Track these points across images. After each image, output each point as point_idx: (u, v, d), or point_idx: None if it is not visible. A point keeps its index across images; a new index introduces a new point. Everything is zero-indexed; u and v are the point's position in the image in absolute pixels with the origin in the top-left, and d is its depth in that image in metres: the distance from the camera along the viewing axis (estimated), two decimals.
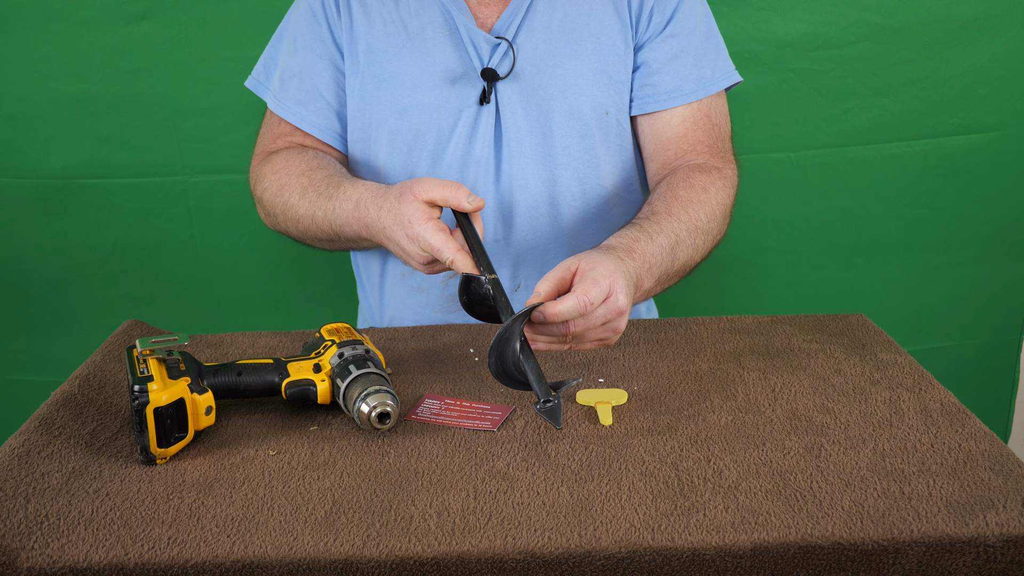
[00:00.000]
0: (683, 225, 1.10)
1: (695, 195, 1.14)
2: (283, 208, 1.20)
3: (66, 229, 1.76)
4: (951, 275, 1.86)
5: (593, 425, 0.90)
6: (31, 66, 1.65)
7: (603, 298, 0.91)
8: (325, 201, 1.14)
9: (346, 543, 0.72)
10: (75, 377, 1.01)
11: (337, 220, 1.13)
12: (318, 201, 1.15)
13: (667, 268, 1.07)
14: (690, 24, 1.24)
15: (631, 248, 1.02)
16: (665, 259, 1.06)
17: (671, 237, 1.08)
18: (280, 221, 1.23)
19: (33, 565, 0.71)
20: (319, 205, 1.15)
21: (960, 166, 1.78)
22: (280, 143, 1.28)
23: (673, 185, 1.16)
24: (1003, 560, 0.71)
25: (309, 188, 1.17)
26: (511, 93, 1.22)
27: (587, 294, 0.89)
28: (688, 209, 1.12)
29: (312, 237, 1.21)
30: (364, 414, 0.86)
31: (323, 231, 1.16)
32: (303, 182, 1.18)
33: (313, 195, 1.16)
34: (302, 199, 1.17)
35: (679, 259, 1.09)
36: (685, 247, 1.10)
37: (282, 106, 1.27)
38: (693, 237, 1.11)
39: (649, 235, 1.05)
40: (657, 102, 1.24)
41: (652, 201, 1.15)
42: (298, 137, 1.28)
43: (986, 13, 1.68)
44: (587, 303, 0.89)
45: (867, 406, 0.93)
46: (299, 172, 1.19)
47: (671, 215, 1.10)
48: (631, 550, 0.71)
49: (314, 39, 1.25)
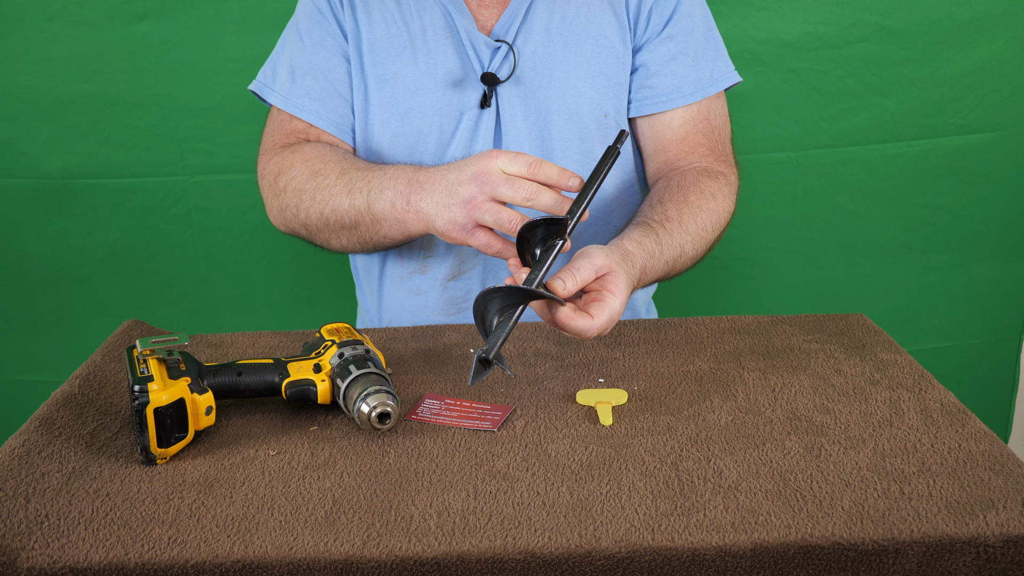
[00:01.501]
0: (689, 236, 1.11)
1: (704, 202, 1.15)
2: (314, 191, 1.16)
3: (66, 229, 1.76)
4: (951, 275, 1.86)
5: (593, 425, 0.90)
6: (31, 66, 1.66)
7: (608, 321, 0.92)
8: (370, 172, 1.12)
9: (346, 543, 0.72)
10: (75, 377, 1.01)
11: (380, 186, 1.09)
12: (361, 176, 1.12)
13: (658, 278, 1.10)
14: (689, 25, 1.24)
15: (646, 268, 1.03)
16: (661, 272, 1.08)
17: (677, 250, 1.09)
18: (303, 209, 1.18)
19: (33, 565, 0.71)
20: (359, 178, 1.12)
21: (960, 166, 1.78)
22: (293, 140, 1.26)
23: (684, 188, 1.16)
24: (1003, 560, 0.71)
25: (351, 168, 1.14)
26: (511, 96, 1.22)
27: (598, 319, 0.91)
28: (697, 217, 1.13)
29: (335, 223, 1.15)
30: (364, 414, 0.87)
31: (354, 209, 1.12)
32: (344, 165, 1.16)
33: (356, 173, 1.13)
34: (341, 178, 1.14)
35: (674, 270, 1.11)
36: (685, 259, 1.12)
37: (294, 104, 1.24)
38: (695, 247, 1.13)
39: (662, 249, 1.06)
40: (656, 104, 1.24)
41: (665, 201, 1.14)
42: (313, 134, 1.26)
43: (986, 13, 1.68)
44: (596, 328, 0.91)
45: (867, 406, 0.93)
46: (339, 159, 1.18)
47: (682, 224, 1.11)
48: (631, 550, 0.71)
49: (324, 35, 1.24)
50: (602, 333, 0.93)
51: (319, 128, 1.25)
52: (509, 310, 0.89)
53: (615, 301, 0.92)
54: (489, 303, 0.88)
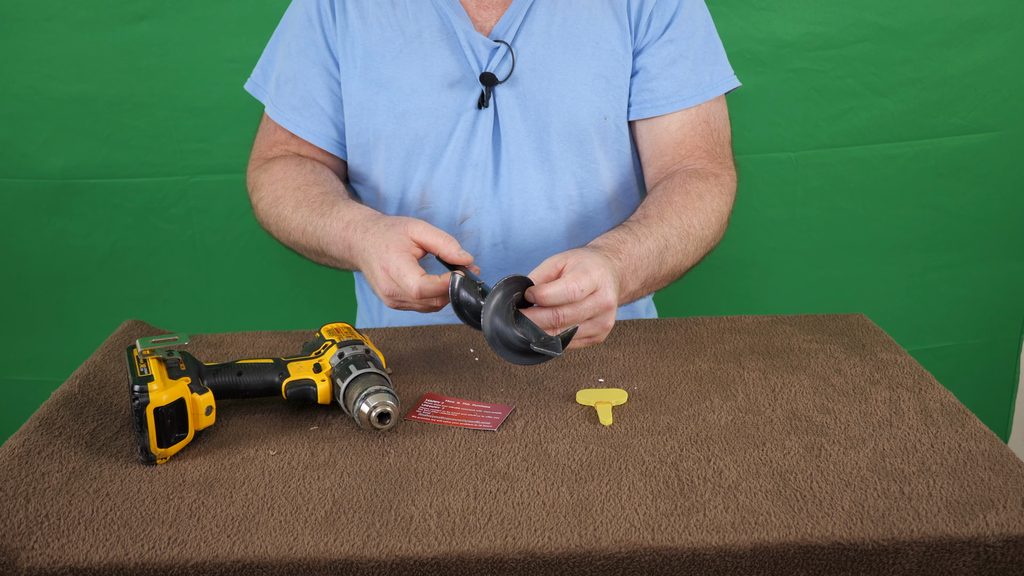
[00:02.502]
0: (674, 230, 1.10)
1: (690, 201, 1.14)
2: (276, 219, 1.21)
3: (66, 229, 1.76)
4: (951, 275, 1.86)
5: (593, 425, 0.90)
6: (31, 66, 1.66)
7: (591, 290, 0.91)
8: (317, 217, 1.14)
9: (346, 543, 0.72)
10: (75, 377, 1.01)
11: (325, 237, 1.13)
12: (310, 216, 1.15)
13: (654, 272, 1.08)
14: (689, 29, 1.24)
15: (617, 248, 1.02)
16: (652, 263, 1.07)
17: (660, 241, 1.08)
18: (273, 231, 1.24)
19: (33, 565, 0.71)
20: (310, 220, 1.15)
21: (960, 166, 1.78)
22: (276, 151, 1.28)
23: (669, 190, 1.16)
24: (1003, 560, 0.71)
25: (303, 203, 1.17)
26: (509, 97, 1.21)
27: (576, 281, 0.90)
28: (681, 215, 1.12)
29: (302, 249, 1.21)
30: (364, 414, 0.87)
31: (312, 245, 1.17)
32: (298, 196, 1.18)
33: (306, 210, 1.16)
34: (295, 212, 1.17)
35: (667, 263, 1.10)
36: (674, 252, 1.10)
37: (278, 112, 1.27)
38: (684, 243, 1.11)
39: (637, 238, 1.06)
40: (655, 107, 1.24)
41: (646, 204, 1.15)
42: (294, 145, 1.28)
43: (986, 13, 1.68)
44: (575, 289, 0.90)
45: (867, 406, 0.93)
46: (295, 186, 1.20)
47: (662, 219, 1.10)
48: (631, 550, 0.71)
49: (308, 44, 1.25)
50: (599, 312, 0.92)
51: (300, 139, 1.27)
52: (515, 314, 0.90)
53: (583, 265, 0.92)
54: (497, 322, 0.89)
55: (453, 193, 1.23)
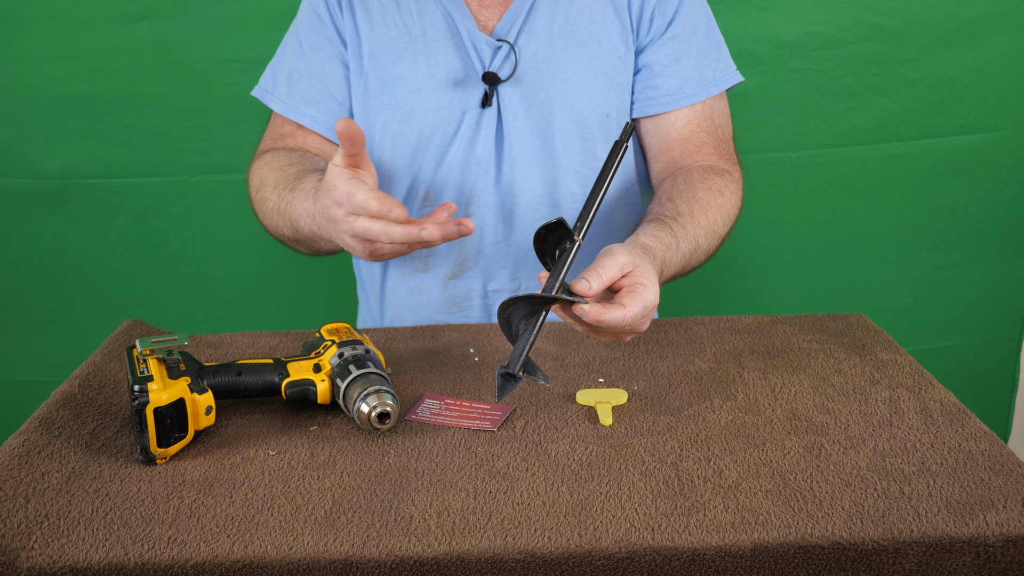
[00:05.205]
0: (702, 231, 1.11)
1: (713, 198, 1.15)
2: (260, 204, 1.19)
3: (66, 229, 1.76)
4: (951, 275, 1.87)
5: (593, 425, 0.90)
6: (31, 66, 1.66)
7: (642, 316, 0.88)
8: (288, 192, 1.11)
9: (346, 543, 0.72)
10: (75, 377, 1.01)
11: (293, 212, 1.09)
12: (284, 193, 1.12)
13: (676, 273, 1.08)
14: (691, 26, 1.24)
15: (666, 260, 1.01)
16: (679, 265, 1.07)
17: (692, 243, 1.08)
18: (260, 219, 1.21)
19: (33, 565, 0.71)
20: (283, 197, 1.12)
21: (960, 166, 1.78)
22: (279, 144, 1.28)
23: (692, 185, 1.16)
24: (1003, 560, 0.71)
25: (280, 181, 1.14)
26: (512, 96, 1.22)
27: (634, 314, 0.86)
28: (708, 212, 1.13)
29: (281, 235, 1.18)
30: (364, 414, 0.87)
31: (287, 226, 1.13)
32: (277, 176, 1.16)
33: (282, 188, 1.13)
34: (272, 192, 1.15)
35: (690, 264, 1.10)
36: (700, 253, 1.11)
37: (290, 108, 1.26)
38: (708, 241, 1.12)
39: (678, 242, 1.05)
40: (660, 104, 1.24)
41: (674, 199, 1.13)
42: (300, 138, 1.27)
43: (986, 13, 1.68)
44: (632, 321, 0.87)
45: (867, 406, 0.93)
46: (278, 167, 1.18)
47: (694, 219, 1.10)
48: (631, 550, 0.71)
49: (322, 40, 1.25)
50: (637, 327, 0.89)
51: (308, 130, 1.26)
52: (531, 317, 0.86)
53: (649, 291, 0.88)
54: (513, 310, 0.85)
55: (457, 190, 1.24)
